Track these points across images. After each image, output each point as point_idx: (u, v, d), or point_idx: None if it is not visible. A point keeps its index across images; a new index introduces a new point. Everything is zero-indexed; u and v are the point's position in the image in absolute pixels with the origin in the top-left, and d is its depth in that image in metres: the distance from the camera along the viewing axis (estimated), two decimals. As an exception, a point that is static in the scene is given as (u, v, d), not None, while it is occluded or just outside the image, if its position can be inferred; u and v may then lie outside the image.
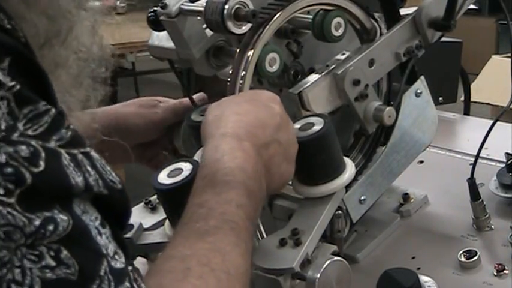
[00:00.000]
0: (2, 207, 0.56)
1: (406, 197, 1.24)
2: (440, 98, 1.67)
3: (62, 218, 0.59)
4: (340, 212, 1.06)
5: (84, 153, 0.62)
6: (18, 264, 0.57)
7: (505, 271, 1.05)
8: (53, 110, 0.60)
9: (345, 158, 1.02)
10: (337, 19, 1.07)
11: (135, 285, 0.63)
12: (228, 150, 0.84)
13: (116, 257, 0.63)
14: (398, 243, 1.17)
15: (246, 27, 1.02)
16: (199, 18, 1.08)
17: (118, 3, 4.57)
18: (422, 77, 1.17)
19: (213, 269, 0.72)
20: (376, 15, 1.13)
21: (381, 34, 1.12)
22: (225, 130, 0.86)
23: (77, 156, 0.61)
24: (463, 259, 1.07)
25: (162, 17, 1.10)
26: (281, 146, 0.90)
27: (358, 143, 1.17)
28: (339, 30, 1.07)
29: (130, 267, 0.64)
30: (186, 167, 0.94)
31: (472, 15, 5.24)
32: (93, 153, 0.63)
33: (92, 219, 0.61)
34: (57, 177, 0.59)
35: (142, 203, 1.22)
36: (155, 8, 1.11)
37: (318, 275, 0.92)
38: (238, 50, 1.02)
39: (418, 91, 1.17)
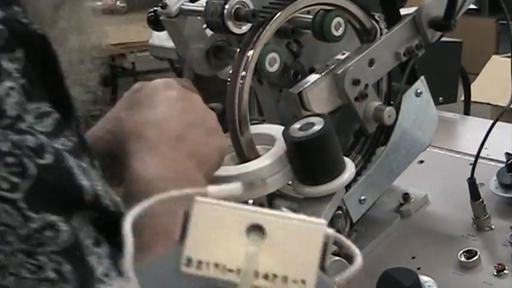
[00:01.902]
0: (1, 203, 0.51)
1: (406, 196, 1.23)
2: (441, 98, 1.67)
3: (63, 227, 0.54)
4: (340, 212, 1.06)
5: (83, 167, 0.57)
6: (14, 271, 0.52)
7: (505, 271, 1.05)
8: (56, 115, 0.57)
9: (345, 158, 1.02)
10: (337, 19, 1.07)
11: None
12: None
13: (105, 279, 0.56)
14: (398, 243, 1.17)
15: (246, 27, 1.02)
16: (199, 18, 1.08)
17: (118, 3, 4.57)
18: (422, 77, 1.17)
19: None
20: (376, 15, 1.13)
21: (381, 34, 1.12)
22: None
23: (81, 166, 0.57)
24: (463, 259, 1.07)
25: (162, 17, 1.10)
26: (195, 127, 0.79)
27: (358, 143, 1.17)
28: (339, 30, 1.07)
29: None
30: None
31: (472, 15, 5.23)
32: (93, 171, 0.58)
33: (88, 235, 0.56)
34: (65, 175, 0.54)
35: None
36: (155, 8, 1.11)
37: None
38: (238, 50, 1.02)
39: (418, 91, 1.17)
